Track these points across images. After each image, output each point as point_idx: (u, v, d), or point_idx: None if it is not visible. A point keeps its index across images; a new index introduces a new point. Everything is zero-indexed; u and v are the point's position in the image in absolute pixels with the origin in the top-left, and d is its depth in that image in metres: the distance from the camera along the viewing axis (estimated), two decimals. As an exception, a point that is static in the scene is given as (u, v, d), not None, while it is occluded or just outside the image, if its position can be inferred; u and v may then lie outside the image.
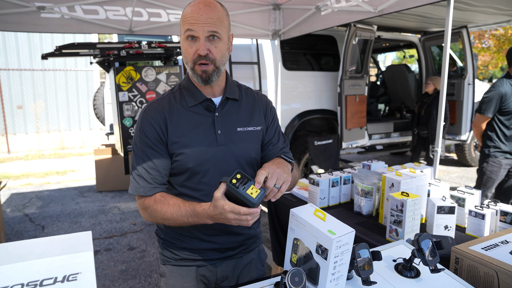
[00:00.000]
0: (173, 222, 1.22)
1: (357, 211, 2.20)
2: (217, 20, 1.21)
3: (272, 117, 1.47)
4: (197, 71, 1.24)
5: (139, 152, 1.29)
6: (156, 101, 1.33)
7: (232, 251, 1.40)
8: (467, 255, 1.33)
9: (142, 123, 1.29)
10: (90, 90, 10.15)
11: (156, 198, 1.26)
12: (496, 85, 3.32)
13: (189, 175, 1.30)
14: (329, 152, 5.04)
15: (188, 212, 1.18)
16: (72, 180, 6.77)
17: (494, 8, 4.27)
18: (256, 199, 1.07)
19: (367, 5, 2.83)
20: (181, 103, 1.31)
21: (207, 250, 1.36)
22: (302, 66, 5.41)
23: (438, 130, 2.55)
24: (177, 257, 1.38)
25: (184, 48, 1.24)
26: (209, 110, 1.31)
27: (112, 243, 3.95)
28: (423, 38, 5.94)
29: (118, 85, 3.53)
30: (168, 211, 1.21)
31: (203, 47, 1.20)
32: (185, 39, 1.23)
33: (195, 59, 1.22)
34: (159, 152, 1.28)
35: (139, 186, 1.27)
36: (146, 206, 1.27)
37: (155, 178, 1.28)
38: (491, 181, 3.46)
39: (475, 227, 1.84)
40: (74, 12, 3.35)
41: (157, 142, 1.27)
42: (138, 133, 1.30)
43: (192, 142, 1.27)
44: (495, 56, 9.77)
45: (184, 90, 1.34)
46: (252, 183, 1.08)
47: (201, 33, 1.19)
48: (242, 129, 1.35)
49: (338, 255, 1.06)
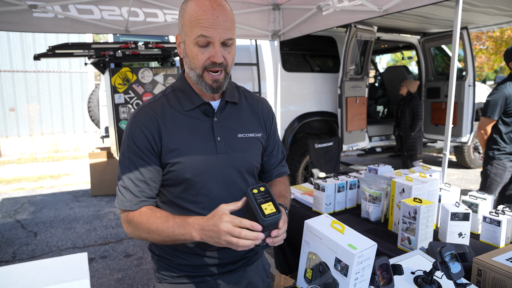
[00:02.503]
0: (157, 237, 1.09)
1: (365, 217, 2.11)
2: (231, 24, 1.11)
3: (274, 124, 1.39)
4: (207, 79, 1.13)
5: (126, 162, 1.16)
6: (147, 105, 1.20)
7: (233, 265, 1.29)
8: (492, 267, 1.25)
9: (131, 129, 1.16)
10: (85, 92, 10.01)
11: (142, 211, 1.14)
12: (500, 87, 3.27)
13: (186, 186, 1.18)
14: (329, 155, 4.96)
15: (177, 222, 1.06)
16: (66, 184, 6.63)
17: (496, 9, 4.22)
18: (267, 217, 0.94)
19: (371, 4, 2.75)
20: (176, 107, 1.20)
21: (207, 266, 1.25)
22: (302, 67, 5.34)
23: (447, 133, 2.47)
24: (174, 274, 1.26)
25: (192, 53, 1.11)
26: (207, 114, 1.20)
27: (108, 250, 3.83)
28: (423, 40, 5.89)
29: (113, 87, 3.42)
30: (154, 223, 1.09)
31: (219, 54, 1.09)
32: (194, 44, 1.09)
33: (207, 65, 1.11)
34: (148, 163, 1.15)
35: (125, 200, 1.15)
36: (129, 219, 1.14)
37: (142, 191, 1.16)
38: (496, 184, 3.39)
39: (490, 234, 1.76)
40: (68, 12, 3.25)
41: (147, 151, 1.15)
42: (126, 140, 1.17)
43: (189, 150, 1.16)
44: (491, 58, 9.78)
45: (178, 92, 1.22)
46: (272, 202, 0.97)
47: (217, 39, 1.08)
48: (243, 135, 1.24)
49: (359, 271, 0.97)
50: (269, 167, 1.39)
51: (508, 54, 3.23)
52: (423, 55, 5.99)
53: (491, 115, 3.27)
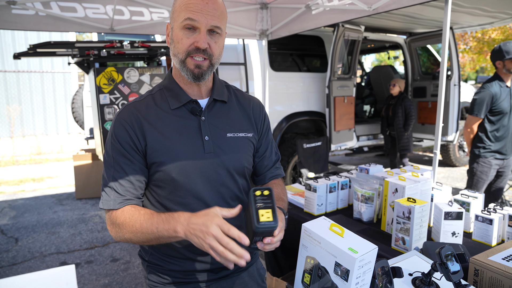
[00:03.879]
0: (141, 235, 1.03)
1: (357, 218, 2.10)
2: (221, 14, 1.09)
3: (266, 124, 1.35)
4: (189, 64, 1.10)
5: (110, 161, 1.12)
6: (132, 104, 1.17)
7: (227, 270, 1.24)
8: (489, 266, 1.24)
9: (115, 127, 1.13)
10: (68, 92, 9.78)
11: (125, 209, 1.09)
12: (486, 86, 3.31)
13: (174, 187, 1.14)
14: (318, 155, 4.96)
15: (161, 218, 1.00)
16: (49, 187, 6.45)
17: (480, 10, 4.28)
18: (261, 224, 0.89)
19: (361, 3, 2.74)
20: (162, 105, 1.16)
21: (199, 271, 1.20)
22: (290, 67, 5.32)
23: (437, 132, 2.48)
24: (165, 281, 1.21)
25: (178, 37, 1.09)
26: (194, 113, 1.16)
27: (94, 255, 3.73)
28: (409, 39, 5.94)
29: (98, 87, 3.33)
30: (137, 221, 1.04)
31: (204, 39, 1.06)
32: (181, 27, 1.08)
33: (191, 50, 1.08)
34: (132, 161, 1.11)
35: (109, 199, 1.10)
36: (113, 220, 1.09)
37: (127, 190, 1.11)
38: (482, 182, 3.44)
39: (482, 232, 1.76)
40: (50, 9, 3.14)
41: (131, 149, 1.11)
42: (110, 139, 1.14)
43: (175, 149, 1.12)
44: (475, 58, 9.98)
45: (165, 90, 1.19)
46: (272, 210, 0.92)
47: (203, 24, 1.06)
48: (232, 135, 1.20)
49: (360, 276, 0.94)
50: (262, 169, 1.35)
51: (494, 53, 3.28)
52: (409, 54, 6.05)
53: (477, 113, 3.31)
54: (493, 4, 4.11)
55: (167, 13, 3.57)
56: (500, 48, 3.21)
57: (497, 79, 3.30)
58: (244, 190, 1.25)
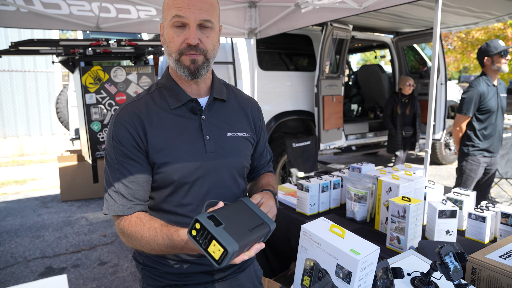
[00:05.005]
0: (151, 250, 1.02)
1: (350, 217, 2.09)
2: (210, 7, 1.06)
3: (263, 125, 1.34)
4: (184, 61, 1.07)
5: (114, 164, 1.08)
6: (130, 104, 1.13)
7: (224, 272, 1.22)
8: (486, 265, 1.23)
9: (115, 129, 1.08)
10: (52, 92, 9.56)
11: (132, 220, 1.05)
12: (474, 85, 3.35)
13: (174, 188, 1.11)
14: (307, 154, 4.95)
15: (166, 241, 0.98)
16: (33, 189, 6.28)
17: (466, 10, 4.34)
18: (220, 261, 0.80)
19: (352, 2, 2.73)
20: (161, 105, 1.13)
21: (196, 274, 1.17)
22: (278, 66, 5.30)
23: (429, 131, 2.49)
24: (161, 283, 1.18)
25: (169, 36, 1.07)
26: (195, 112, 1.14)
27: (81, 258, 3.63)
28: (396, 39, 5.99)
29: (84, 87, 3.24)
30: (144, 237, 1.01)
31: (194, 35, 1.03)
32: (171, 26, 1.05)
33: (183, 49, 1.05)
34: (138, 162, 1.08)
35: (117, 205, 1.06)
36: (122, 229, 1.07)
37: (135, 193, 1.08)
38: (471, 180, 3.48)
39: (476, 230, 1.77)
40: (32, 6, 3.04)
41: (134, 150, 1.07)
42: (111, 141, 1.09)
43: (177, 150, 1.09)
44: (459, 58, 10.16)
45: (164, 89, 1.15)
46: (214, 240, 0.80)
47: (192, 20, 1.03)
48: (232, 134, 1.19)
49: (362, 278, 0.92)
50: (258, 168, 1.36)
51: (482, 50, 3.32)
52: (396, 54, 6.10)
53: (466, 112, 3.34)
54: (478, 4, 4.17)
55: (154, 11, 3.51)
56: (488, 45, 3.26)
57: (484, 78, 3.35)
58: (243, 191, 1.24)
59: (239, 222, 0.88)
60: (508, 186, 5.59)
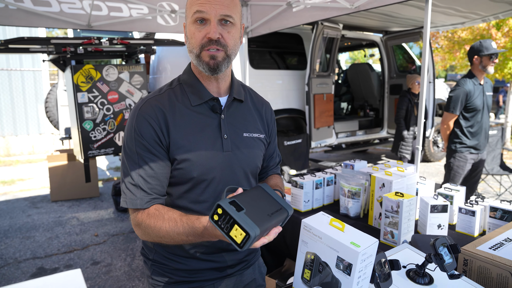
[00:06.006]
0: (170, 240, 1.04)
1: (344, 213, 2.13)
2: (231, 3, 1.08)
3: (275, 127, 1.38)
4: (204, 57, 1.08)
5: (135, 157, 1.08)
6: (153, 98, 1.14)
7: (232, 269, 1.24)
8: (477, 256, 1.28)
9: (137, 122, 1.09)
10: (39, 91, 9.41)
11: (150, 212, 1.07)
12: (461, 84, 3.42)
13: (192, 185, 1.12)
14: (298, 152, 4.99)
15: (186, 229, 0.99)
16: (22, 190, 6.19)
17: (454, 9, 4.43)
18: (244, 247, 0.83)
19: (344, 1, 2.77)
20: (183, 101, 1.14)
21: (205, 270, 1.19)
22: (269, 64, 5.33)
23: (419, 128, 2.54)
24: (171, 280, 1.19)
25: (190, 32, 1.09)
26: (215, 111, 1.15)
27: (73, 258, 3.60)
28: (385, 38, 6.08)
29: (76, 85, 3.21)
30: (163, 228, 1.02)
31: (214, 29, 1.05)
32: (193, 22, 1.07)
33: (204, 43, 1.07)
34: (159, 157, 1.09)
35: (135, 198, 1.07)
36: (138, 222, 1.08)
37: (154, 188, 1.09)
38: (459, 176, 3.56)
39: (466, 224, 1.82)
40: (22, 3, 3.00)
41: (156, 144, 1.08)
42: (132, 134, 1.09)
43: (197, 147, 1.11)
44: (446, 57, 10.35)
45: (185, 86, 1.17)
46: (236, 224, 0.83)
47: (213, 15, 1.05)
48: (248, 134, 1.21)
49: (362, 269, 0.95)
50: (267, 169, 1.39)
51: (473, 49, 3.39)
52: (385, 52, 6.18)
53: (453, 110, 3.42)
54: (465, 4, 4.26)
55: (146, 9, 3.50)
56: (481, 44, 3.33)
57: (471, 77, 3.43)
58: None
59: (259, 207, 0.90)
60: (494, 182, 5.72)
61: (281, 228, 0.95)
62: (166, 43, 3.78)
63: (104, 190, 6.00)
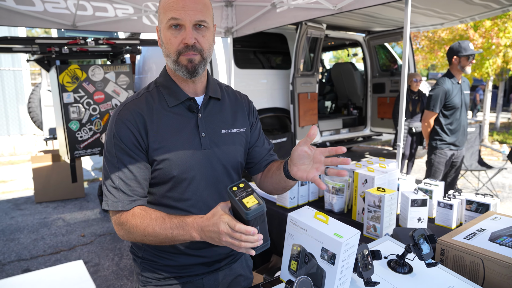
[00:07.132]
0: (154, 238, 1.07)
1: (328, 209, 2.19)
2: (204, 7, 1.11)
3: (255, 118, 1.39)
4: (182, 61, 1.11)
5: (114, 161, 1.12)
6: (131, 102, 1.17)
7: (219, 263, 1.29)
8: (453, 245, 1.36)
9: (116, 126, 1.12)
10: (20, 91, 9.23)
11: (135, 212, 1.10)
12: (440, 83, 3.55)
13: (174, 184, 1.16)
14: (283, 151, 5.06)
15: (174, 223, 1.04)
16: (4, 192, 6.08)
17: (433, 11, 4.57)
18: (249, 209, 0.90)
19: (326, 2, 2.84)
20: (160, 103, 1.17)
21: (193, 265, 1.24)
22: (254, 64, 5.38)
23: (401, 125, 2.64)
24: (160, 276, 1.23)
25: (166, 38, 1.11)
26: (192, 110, 1.19)
27: (60, 259, 3.59)
28: (368, 37, 6.20)
29: (62, 85, 3.20)
30: (149, 225, 1.06)
31: (190, 35, 1.08)
32: (167, 28, 1.10)
33: (181, 49, 1.10)
34: (137, 160, 1.12)
35: (117, 200, 1.11)
36: (122, 221, 1.11)
37: (134, 190, 1.13)
38: (439, 172, 3.69)
39: (444, 217, 1.91)
40: (3, 1, 2.95)
41: (135, 148, 1.12)
42: (112, 138, 1.13)
43: (176, 147, 1.14)
44: (426, 56, 10.61)
45: (162, 88, 1.20)
46: (253, 195, 0.94)
47: (187, 21, 1.08)
48: (226, 131, 1.25)
49: (346, 259, 1.02)
50: (257, 158, 1.37)
51: (452, 49, 3.51)
52: (368, 52, 6.31)
53: (433, 108, 3.54)
54: (444, 6, 4.40)
55: (132, 9, 3.50)
56: (459, 45, 3.45)
57: (450, 76, 3.55)
58: None
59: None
60: (472, 177, 5.92)
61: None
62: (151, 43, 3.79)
63: (89, 190, 5.95)
